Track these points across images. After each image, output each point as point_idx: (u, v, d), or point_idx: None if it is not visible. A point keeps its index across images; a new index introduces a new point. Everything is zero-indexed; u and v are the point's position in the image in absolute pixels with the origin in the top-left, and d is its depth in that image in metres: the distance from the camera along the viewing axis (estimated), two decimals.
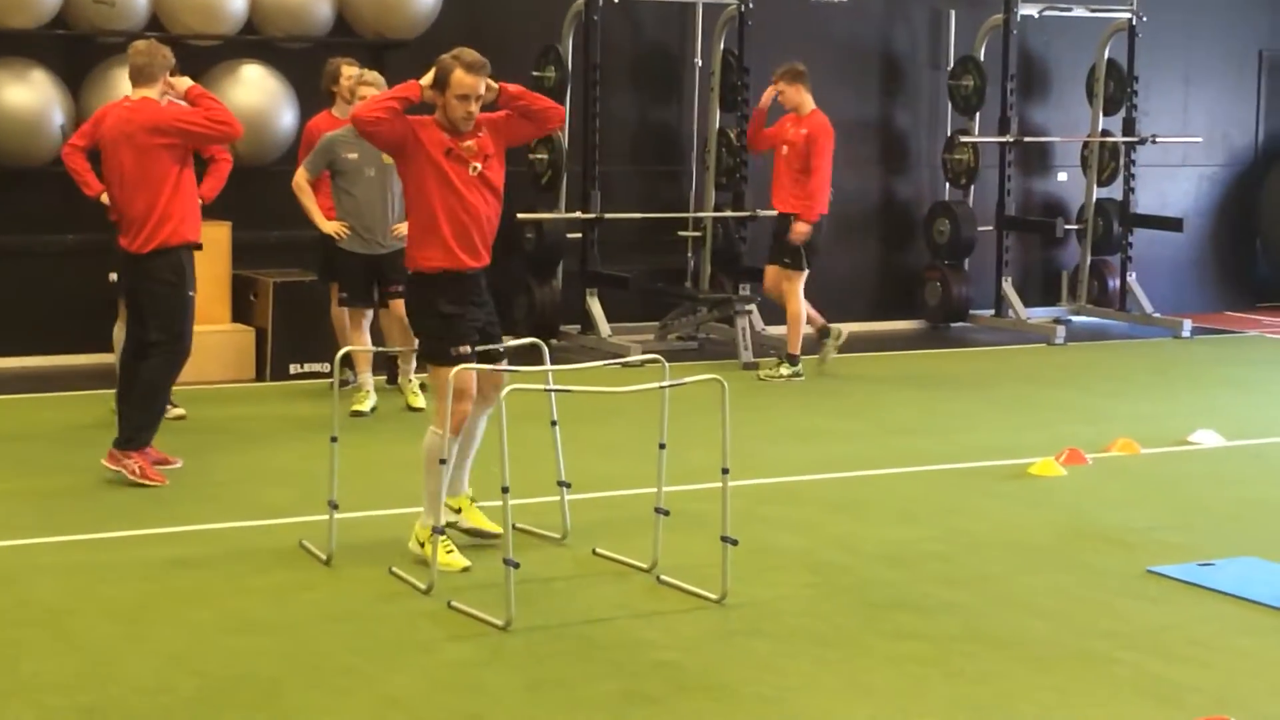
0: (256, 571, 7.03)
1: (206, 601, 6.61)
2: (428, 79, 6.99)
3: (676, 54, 14.32)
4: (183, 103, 8.61)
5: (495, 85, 7.05)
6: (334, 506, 7.16)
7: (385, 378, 10.88)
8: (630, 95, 14.11)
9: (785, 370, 11.84)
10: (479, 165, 7.02)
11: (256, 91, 11.96)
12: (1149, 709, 5.49)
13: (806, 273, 11.94)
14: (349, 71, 10.58)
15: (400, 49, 12.74)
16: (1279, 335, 14.89)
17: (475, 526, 7.22)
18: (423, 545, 6.91)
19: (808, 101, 11.90)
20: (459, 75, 6.93)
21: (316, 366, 11.63)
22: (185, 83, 8.57)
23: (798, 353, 11.94)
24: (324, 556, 7.13)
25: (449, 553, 6.88)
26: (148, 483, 8.42)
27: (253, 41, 12.36)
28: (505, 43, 13.36)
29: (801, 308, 11.97)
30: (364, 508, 7.93)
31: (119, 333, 9.58)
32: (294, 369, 11.66)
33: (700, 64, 14.13)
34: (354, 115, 7.05)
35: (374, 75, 10.30)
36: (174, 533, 7.68)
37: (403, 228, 10.24)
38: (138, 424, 8.56)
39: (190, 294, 8.58)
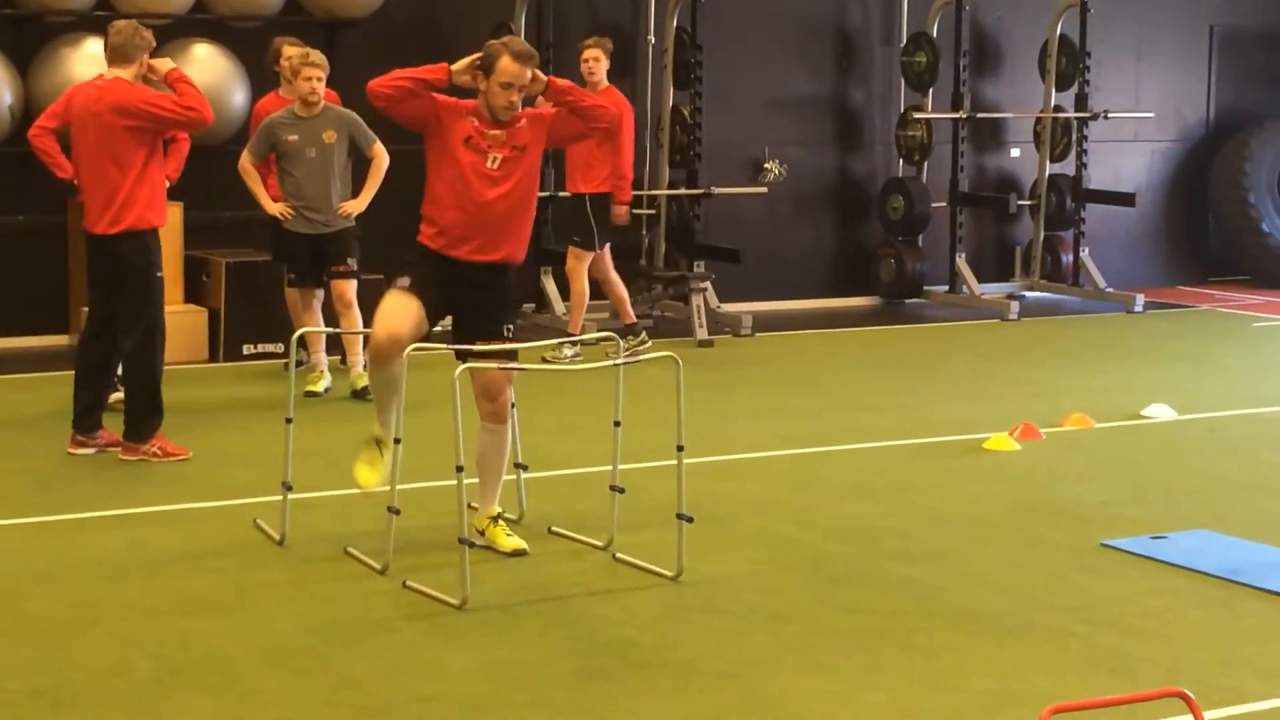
0: (211, 553, 7.00)
1: (161, 583, 6.59)
2: (461, 64, 6.80)
3: (630, 31, 14.29)
4: (163, 86, 8.55)
5: (544, 78, 6.84)
6: (288, 488, 7.14)
7: (339, 357, 10.85)
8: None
9: (568, 351, 11.29)
10: (499, 157, 6.83)
11: (207, 71, 11.88)
12: (1102, 681, 5.51)
13: (595, 252, 11.77)
14: (290, 51, 10.51)
15: (352, 28, 12.68)
16: (1231, 309, 14.97)
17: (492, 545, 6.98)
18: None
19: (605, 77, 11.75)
20: (505, 62, 6.73)
21: (270, 347, 11.60)
22: (166, 65, 8.54)
23: (577, 333, 11.36)
24: (278, 537, 7.11)
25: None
26: (175, 457, 8.61)
27: (203, 21, 12.28)
28: (457, 20, 13.34)
29: (585, 287, 11.74)
30: (318, 488, 7.90)
31: None
32: (247, 349, 11.62)
33: (654, 41, 14.11)
34: (368, 88, 6.81)
35: (318, 55, 10.17)
36: (128, 515, 7.65)
37: (349, 206, 10.24)
38: (142, 415, 8.61)
39: (159, 275, 8.60)
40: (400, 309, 6.82)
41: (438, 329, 7.15)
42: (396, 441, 6.66)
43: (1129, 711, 4.97)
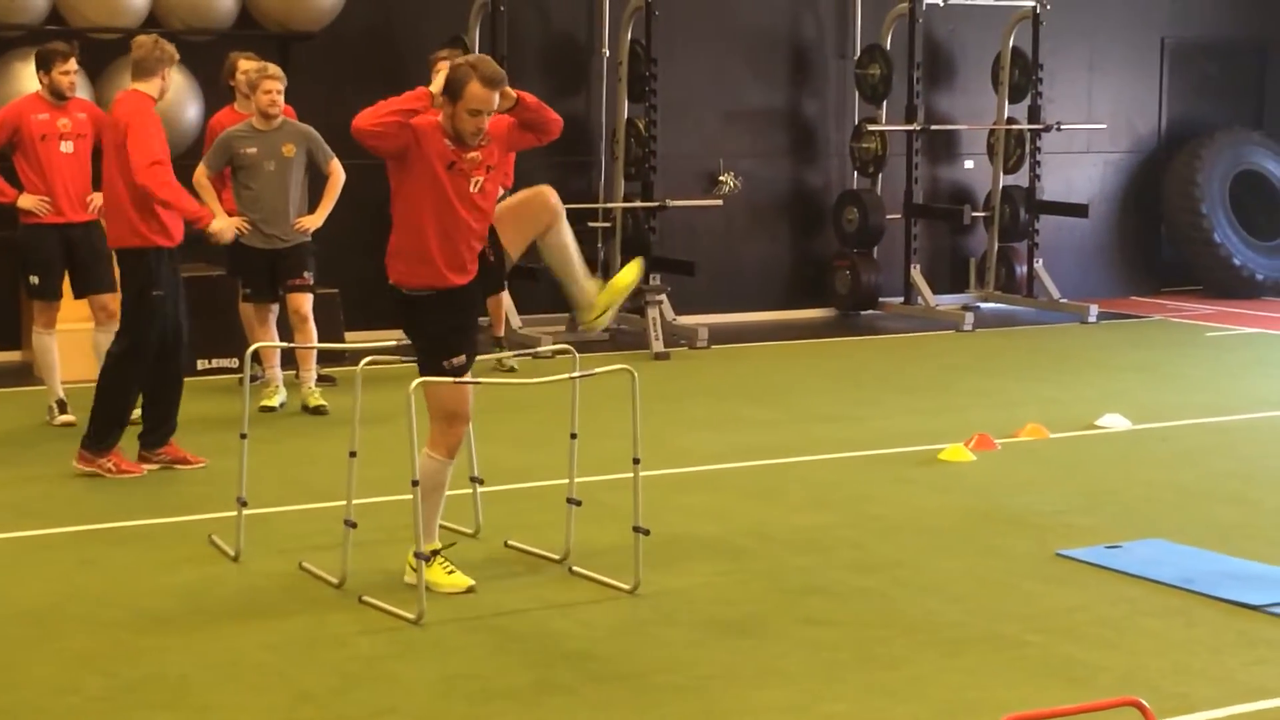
0: (165, 569, 6.97)
1: (115, 600, 6.54)
2: (437, 85, 6.44)
3: (584, 44, 14.30)
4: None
5: (513, 95, 6.55)
6: (243, 503, 7.11)
7: (294, 372, 10.79)
8: (538, 86, 13.97)
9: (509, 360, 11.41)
10: (480, 179, 6.53)
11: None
12: (1058, 690, 5.53)
13: None
14: (245, 66, 10.47)
15: (306, 41, 12.65)
16: (1184, 319, 15.05)
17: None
18: (415, 569, 6.36)
19: None
20: (474, 88, 6.35)
21: (224, 362, 11.54)
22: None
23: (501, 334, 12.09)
24: (233, 552, 7.08)
25: (450, 573, 6.57)
26: (129, 474, 8.54)
27: (156, 35, 12.21)
28: (412, 34, 13.32)
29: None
30: (273, 504, 7.87)
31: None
32: (201, 364, 11.55)
33: (608, 54, 14.12)
34: (355, 126, 6.35)
35: (276, 69, 10.12)
36: (82, 531, 7.60)
37: (306, 221, 10.18)
38: (105, 426, 8.57)
39: (155, 294, 8.49)
40: (463, 400, 6.61)
41: (392, 342, 7.14)
42: (352, 455, 6.64)
43: None
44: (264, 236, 10.13)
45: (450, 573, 6.56)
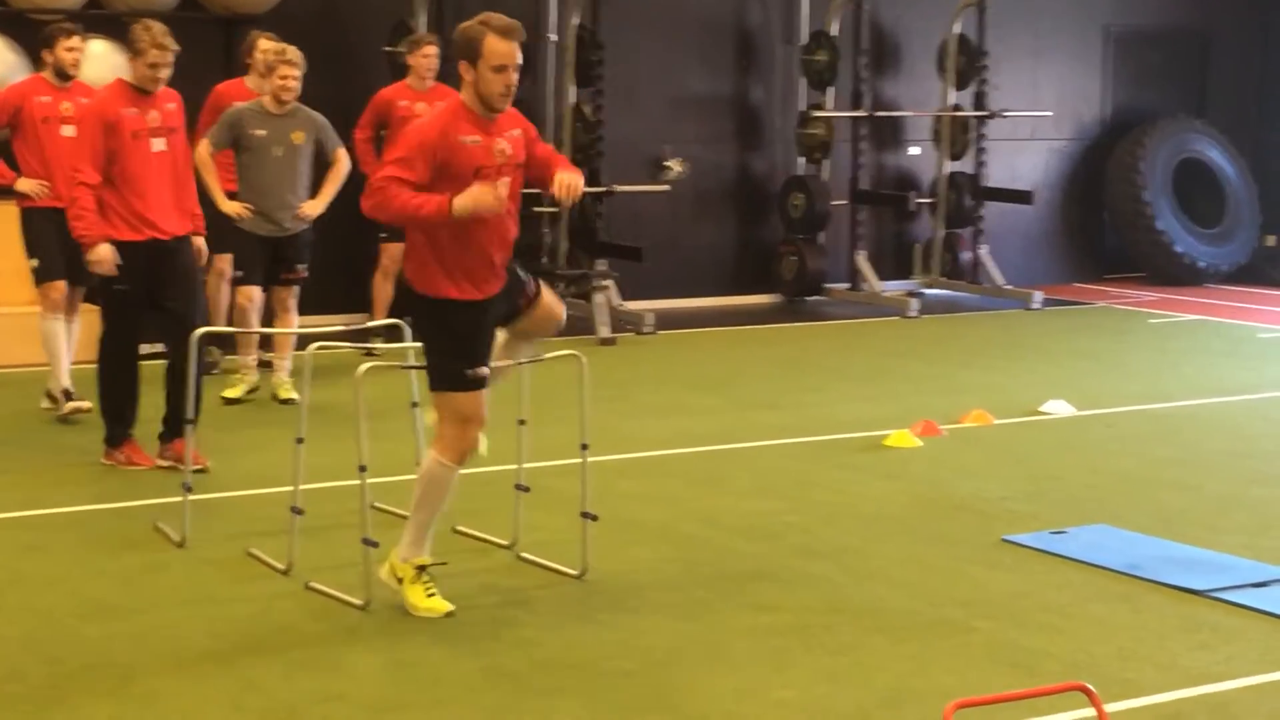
0: (109, 555, 6.92)
1: (58, 586, 6.50)
2: (465, 203, 5.88)
3: (531, 29, 14.23)
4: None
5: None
6: (188, 489, 7.07)
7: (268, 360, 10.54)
8: None
9: None
10: (508, 180, 6.11)
11: (103, 67, 11.71)
12: (1005, 676, 5.56)
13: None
14: (265, 45, 10.33)
15: (250, 24, 12.57)
16: (1127, 306, 15.14)
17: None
18: (400, 580, 6.24)
19: None
20: (492, 42, 5.96)
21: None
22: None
23: None
24: (178, 539, 7.04)
25: (430, 595, 6.18)
26: (136, 467, 8.34)
27: (98, 16, 12.12)
28: (357, 17, 13.27)
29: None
30: (220, 489, 7.84)
31: None
32: (145, 349, 11.39)
33: (555, 39, 14.08)
34: (364, 209, 6.06)
35: (295, 52, 9.82)
36: (24, 516, 7.54)
37: (308, 207, 9.98)
38: (104, 420, 8.46)
39: (116, 289, 8.24)
40: (480, 405, 6.20)
41: (341, 326, 7.10)
42: (300, 441, 6.60)
43: (1031, 706, 5.01)
44: (267, 224, 9.86)
45: (430, 595, 6.18)
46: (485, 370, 6.14)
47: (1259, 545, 7.18)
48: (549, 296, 6.47)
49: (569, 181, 6.19)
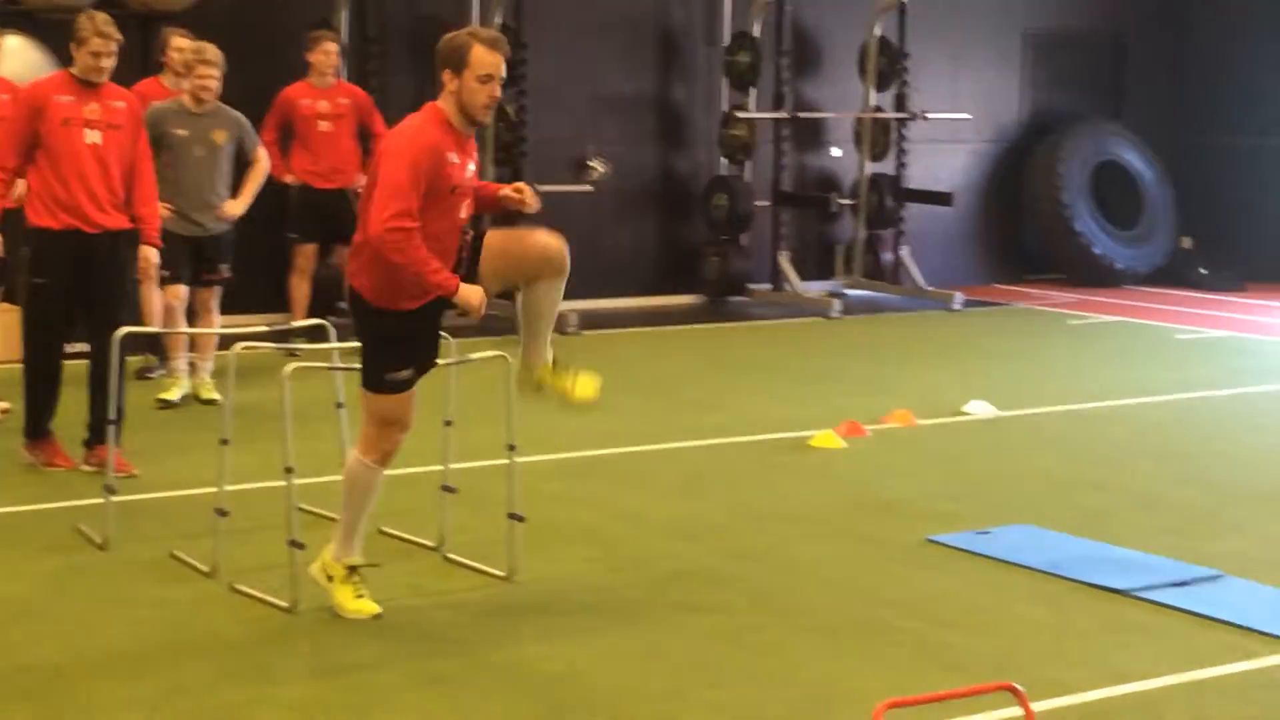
0: (30, 557, 6.85)
1: None
2: (475, 301, 5.97)
3: (453, 27, 14.10)
4: None
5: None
6: (110, 491, 7.00)
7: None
8: (408, 71, 13.97)
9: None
10: (467, 203, 6.05)
11: (19, 63, 11.57)
12: (933, 675, 5.58)
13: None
14: (179, 44, 10.24)
15: (169, 22, 12.46)
16: (1046, 307, 15.25)
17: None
18: (330, 579, 6.19)
19: None
20: (480, 53, 5.89)
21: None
22: None
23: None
24: (100, 541, 6.97)
25: (359, 597, 6.14)
26: (54, 469, 8.25)
27: (13, 12, 11.99)
28: (277, 15, 13.18)
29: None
30: (143, 491, 7.77)
31: None
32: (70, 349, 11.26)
33: None
34: (374, 248, 5.88)
35: (214, 51, 9.71)
36: None
37: (230, 207, 9.89)
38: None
39: (34, 282, 8.11)
40: (404, 408, 6.12)
41: (264, 327, 7.05)
42: (224, 442, 6.55)
43: (960, 705, 5.04)
44: (189, 224, 9.71)
45: (359, 596, 6.14)
46: (408, 374, 6.05)
47: (1181, 545, 7.25)
48: (517, 233, 6.35)
49: (529, 192, 6.22)
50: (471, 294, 5.95)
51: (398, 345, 6.06)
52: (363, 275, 6.00)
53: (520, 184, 6.26)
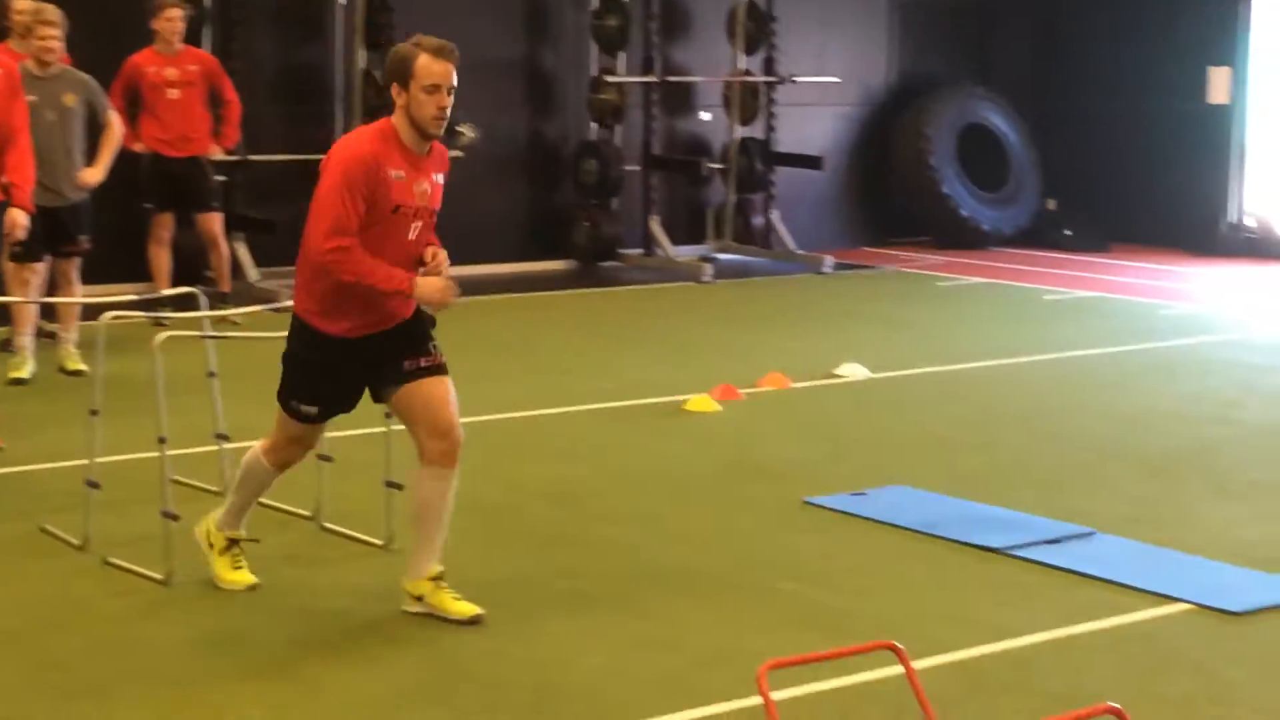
0: None
1: None
2: (431, 291, 5.73)
3: None
4: None
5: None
6: None
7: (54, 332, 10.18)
8: (272, 34, 13.81)
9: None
10: (419, 226, 5.77)
11: None
12: (812, 636, 5.61)
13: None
14: (21, 6, 10.02)
15: None
16: (915, 270, 15.37)
17: (438, 610, 5.87)
18: (211, 546, 6.12)
19: None
20: (425, 62, 5.59)
21: None
22: None
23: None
24: None
25: (236, 568, 6.07)
26: None
27: None
28: None
29: None
30: (10, 464, 7.63)
31: None
32: None
33: (343, 2, 13.89)
34: (321, 270, 5.67)
35: (53, 11, 9.50)
36: None
37: (87, 175, 9.68)
38: None
39: None
40: (310, 436, 6.06)
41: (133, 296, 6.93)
42: (94, 413, 6.45)
43: (841, 665, 5.08)
44: (47, 192, 9.34)
45: (238, 568, 6.09)
46: (312, 411, 5.86)
47: (1052, 503, 7.34)
48: (428, 391, 5.95)
49: (443, 259, 5.86)
50: (429, 287, 5.72)
51: (313, 376, 5.85)
52: (301, 292, 5.79)
53: (436, 250, 5.85)
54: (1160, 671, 5.42)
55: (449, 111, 5.65)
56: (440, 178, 5.84)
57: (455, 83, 5.67)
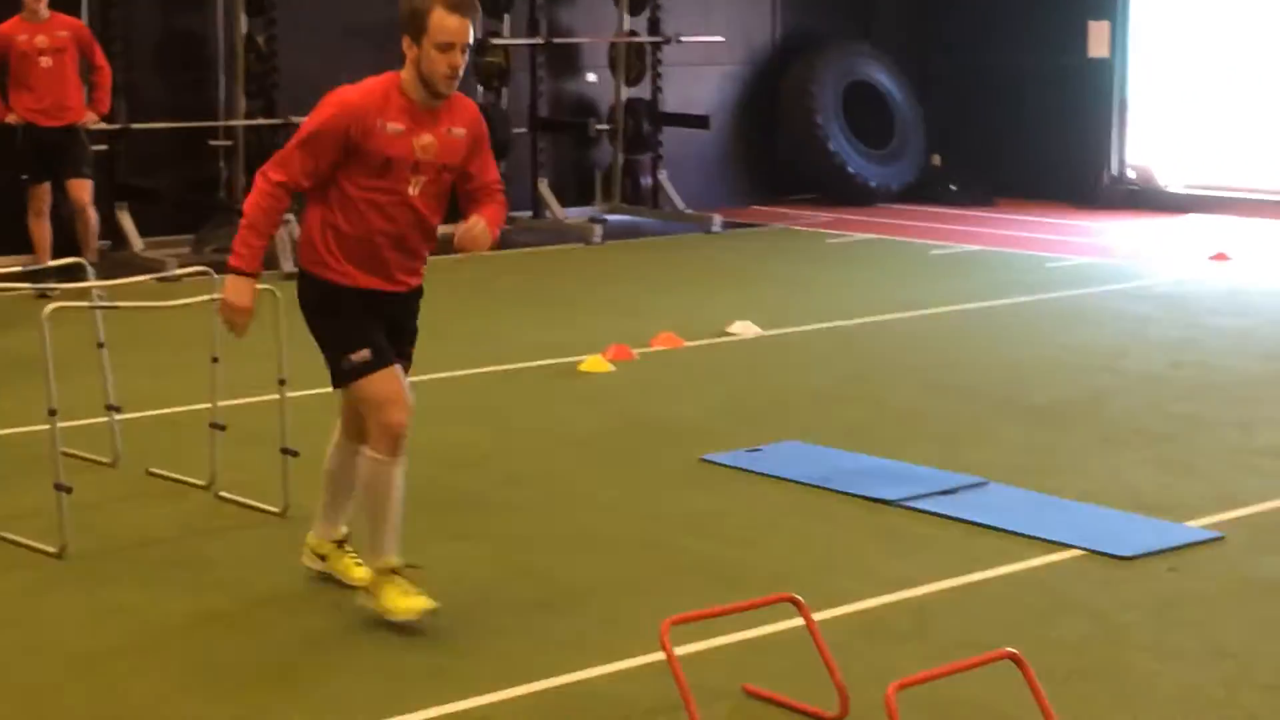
0: None
1: None
2: (226, 291, 5.41)
3: None
4: None
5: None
6: None
7: None
8: (152, 1, 13.63)
9: None
10: (422, 181, 5.41)
11: None
12: (714, 591, 5.64)
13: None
14: None
15: None
16: (804, 227, 15.44)
17: (333, 572, 5.76)
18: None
19: None
20: (440, 16, 5.23)
21: None
22: None
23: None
24: None
25: (405, 594, 5.39)
26: None
27: None
28: None
29: None
30: None
31: None
32: None
33: None
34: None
35: None
36: None
37: None
38: None
39: None
40: (394, 384, 5.50)
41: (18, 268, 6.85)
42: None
43: (743, 619, 5.12)
44: None
45: (406, 594, 5.40)
46: (366, 353, 5.37)
47: (945, 455, 7.42)
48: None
49: (477, 233, 5.49)
50: (237, 292, 5.39)
51: (345, 321, 5.43)
52: (305, 247, 5.49)
53: (476, 235, 5.51)
54: (1054, 616, 5.51)
55: (461, 71, 5.29)
56: (460, 131, 5.44)
57: (472, 40, 5.35)
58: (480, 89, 15.13)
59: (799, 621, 4.86)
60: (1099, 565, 5.98)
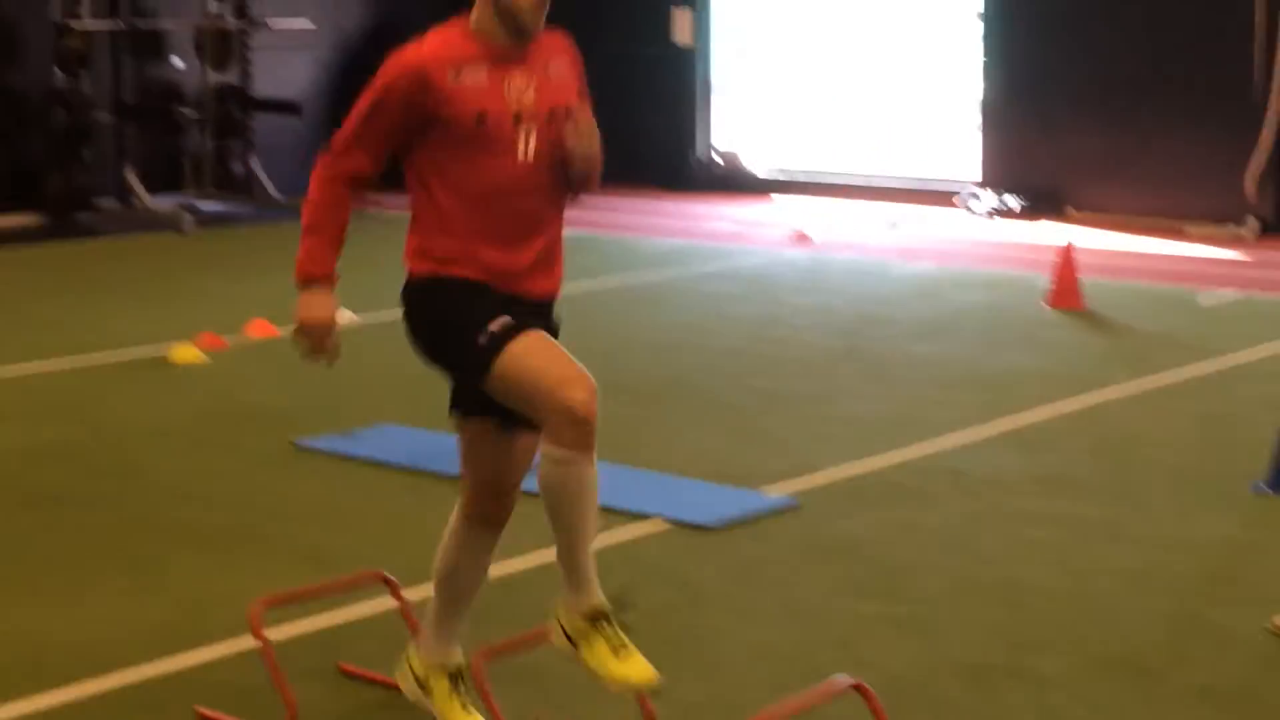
0: None
1: None
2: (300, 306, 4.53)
3: None
4: None
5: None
6: None
7: None
8: None
9: None
10: (531, 131, 4.30)
11: None
12: (307, 574, 5.66)
13: None
14: None
15: None
16: (395, 212, 15.41)
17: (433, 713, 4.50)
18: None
19: None
20: None
21: None
22: None
23: None
24: None
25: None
26: None
27: None
28: None
29: None
30: None
31: None
32: None
33: None
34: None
35: None
36: None
37: None
38: None
39: None
40: (554, 351, 4.29)
41: None
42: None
43: (337, 601, 5.17)
44: None
45: (618, 654, 4.19)
46: (510, 320, 4.21)
47: None
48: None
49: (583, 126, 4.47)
50: (310, 306, 4.56)
51: (473, 300, 4.31)
52: (414, 256, 4.56)
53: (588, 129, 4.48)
54: (640, 585, 5.68)
55: (547, 3, 4.25)
56: (560, 68, 4.44)
57: None
58: (60, 74, 14.73)
59: (392, 602, 4.93)
60: (683, 535, 6.20)
